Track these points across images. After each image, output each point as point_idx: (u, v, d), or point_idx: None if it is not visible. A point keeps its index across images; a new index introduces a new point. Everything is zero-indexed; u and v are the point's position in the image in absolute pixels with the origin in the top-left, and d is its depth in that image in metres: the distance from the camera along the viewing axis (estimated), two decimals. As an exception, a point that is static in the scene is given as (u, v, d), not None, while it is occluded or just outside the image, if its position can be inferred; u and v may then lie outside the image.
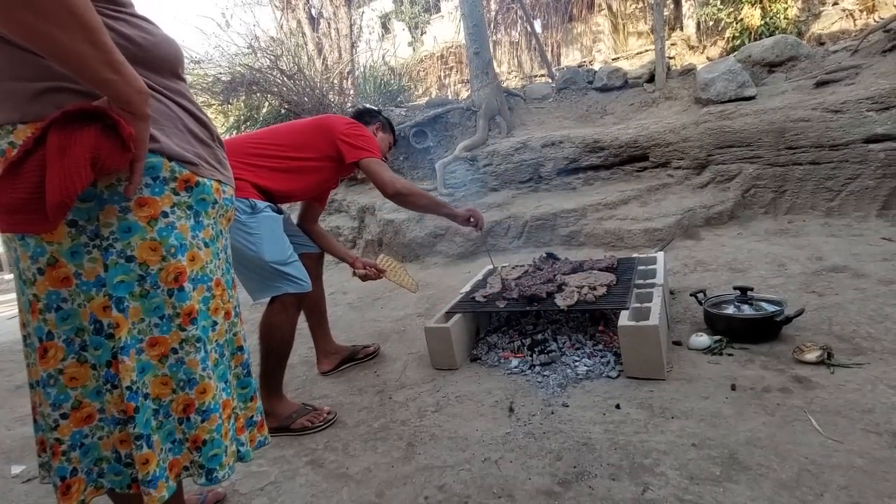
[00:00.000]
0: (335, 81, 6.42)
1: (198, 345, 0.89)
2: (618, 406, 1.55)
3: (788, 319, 1.81)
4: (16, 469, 1.71)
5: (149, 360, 0.87)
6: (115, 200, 0.82)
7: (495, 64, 5.89)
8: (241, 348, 1.05)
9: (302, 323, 1.92)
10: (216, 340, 0.95)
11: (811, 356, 1.64)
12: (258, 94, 5.28)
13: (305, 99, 5.01)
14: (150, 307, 0.86)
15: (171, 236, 0.86)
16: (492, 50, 5.87)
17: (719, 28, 7.30)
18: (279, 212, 1.81)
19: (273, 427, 1.64)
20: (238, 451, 0.99)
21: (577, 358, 1.87)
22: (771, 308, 1.89)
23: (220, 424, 0.92)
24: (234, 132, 6.49)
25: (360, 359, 2.27)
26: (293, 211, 2.24)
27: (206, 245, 0.94)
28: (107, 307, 0.83)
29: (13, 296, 1.04)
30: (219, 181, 0.97)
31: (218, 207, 0.97)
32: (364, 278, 2.14)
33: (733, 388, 1.55)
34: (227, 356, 0.99)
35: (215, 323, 0.95)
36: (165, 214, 0.86)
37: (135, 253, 0.84)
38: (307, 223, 2.14)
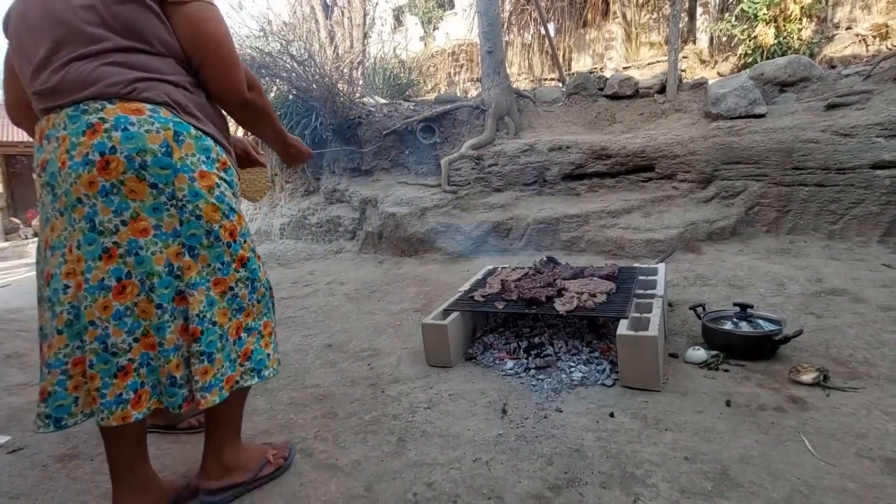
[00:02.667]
0: (345, 71, 6.38)
1: (247, 282, 1.19)
2: (612, 414, 1.54)
3: (787, 339, 1.81)
4: (1, 439, 1.69)
5: (214, 295, 1.12)
6: (185, 170, 1.05)
7: (507, 65, 5.87)
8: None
9: (310, 301, 1.86)
10: (262, 278, 1.24)
11: (807, 377, 1.64)
12: (267, 79, 5.24)
13: (314, 86, 4.97)
14: (214, 255, 1.12)
15: (223, 202, 1.13)
16: (504, 50, 5.85)
17: (732, 44, 7.31)
18: None
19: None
20: (276, 366, 1.28)
21: (572, 364, 1.87)
22: (769, 326, 1.89)
23: (260, 338, 1.23)
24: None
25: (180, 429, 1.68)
26: None
27: (239, 211, 1.20)
28: (179, 253, 1.06)
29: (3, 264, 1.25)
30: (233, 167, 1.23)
31: (235, 187, 1.22)
32: None
33: (728, 404, 1.55)
34: (269, 288, 1.28)
35: (259, 266, 1.23)
36: (217, 185, 1.12)
37: (202, 213, 1.08)
38: None
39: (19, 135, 12.58)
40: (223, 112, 1.20)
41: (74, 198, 1.01)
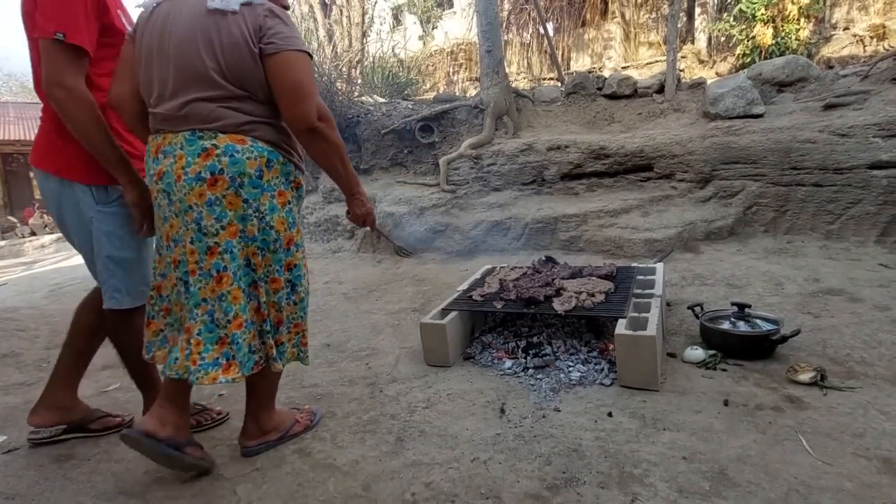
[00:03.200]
0: (344, 69, 6.37)
1: (289, 285, 1.42)
2: (610, 414, 1.54)
3: (784, 339, 1.81)
4: (-3, 438, 1.68)
5: (268, 290, 1.38)
6: (270, 189, 1.33)
7: (506, 64, 5.87)
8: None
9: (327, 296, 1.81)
10: (304, 285, 1.46)
11: (805, 377, 1.64)
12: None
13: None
14: (275, 259, 1.37)
15: (290, 216, 1.39)
16: (503, 50, 5.85)
17: (730, 44, 7.33)
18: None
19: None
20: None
21: (571, 363, 1.87)
22: (767, 326, 1.89)
23: (286, 333, 1.44)
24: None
25: (92, 430, 1.68)
26: None
27: (299, 224, 1.44)
28: (255, 253, 1.34)
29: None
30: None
31: (303, 199, 1.51)
32: None
33: (726, 403, 1.55)
34: (307, 293, 1.50)
35: (304, 274, 1.46)
36: (289, 202, 1.39)
37: (274, 224, 1.35)
38: None
39: (16, 133, 12.52)
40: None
41: (186, 205, 1.27)
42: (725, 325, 1.94)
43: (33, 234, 11.26)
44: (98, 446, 1.61)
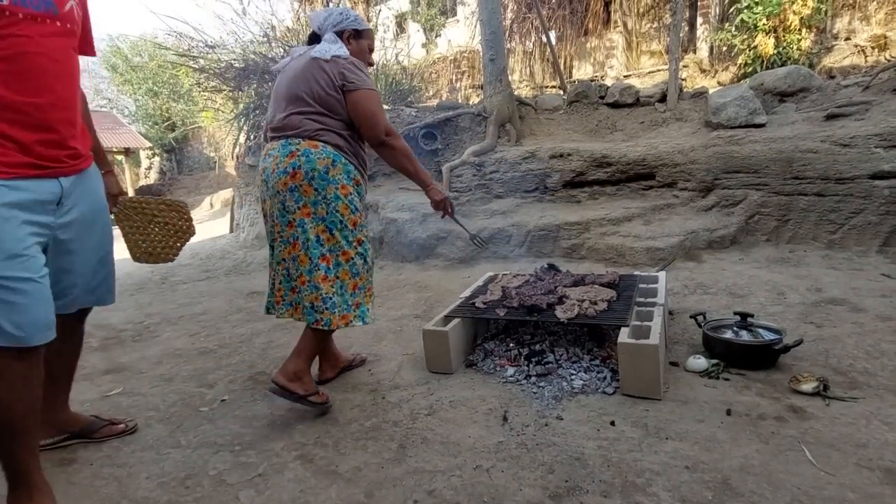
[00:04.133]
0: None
1: (360, 257, 1.80)
2: (613, 423, 1.54)
3: (787, 348, 1.81)
4: None
5: (341, 260, 1.77)
6: (334, 182, 1.72)
7: (508, 72, 5.92)
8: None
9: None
10: (371, 257, 1.86)
11: (807, 387, 1.64)
12: (270, 84, 5.28)
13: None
14: (342, 236, 1.75)
15: (352, 204, 1.76)
16: (506, 58, 5.90)
17: (732, 54, 7.36)
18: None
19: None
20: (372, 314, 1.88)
21: (573, 371, 1.87)
22: (770, 336, 1.89)
23: (365, 295, 1.84)
24: (244, 119, 6.48)
25: (95, 439, 1.71)
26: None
27: (362, 211, 1.83)
28: (324, 231, 1.73)
29: None
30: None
31: (363, 194, 1.89)
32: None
33: (728, 413, 1.55)
34: (373, 262, 1.89)
35: (369, 249, 1.84)
36: (350, 193, 1.76)
37: (339, 209, 1.73)
38: None
39: None
40: (365, 154, 1.89)
41: (275, 190, 1.72)
42: (728, 335, 1.94)
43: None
44: (101, 450, 1.62)
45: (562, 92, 6.40)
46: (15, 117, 1.19)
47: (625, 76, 8.55)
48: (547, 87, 9.04)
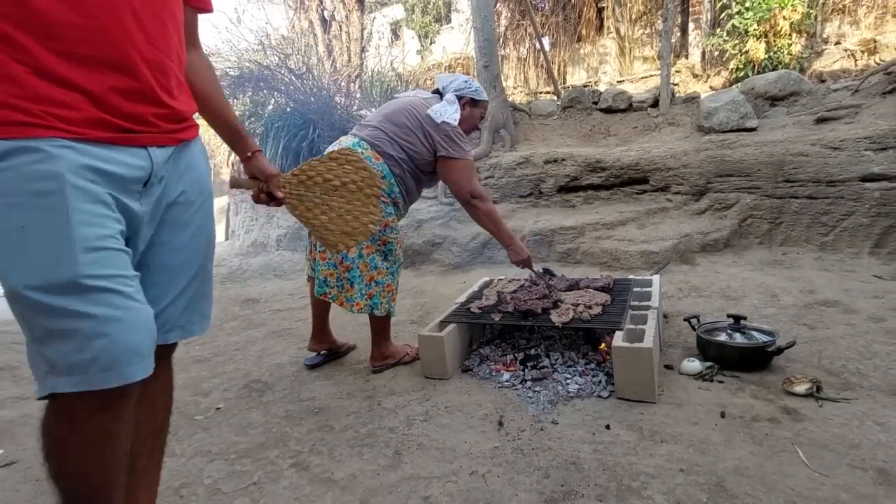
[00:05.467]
0: (342, 84, 6.45)
1: (382, 254, 2.04)
2: (608, 426, 1.55)
3: (780, 350, 1.82)
4: (-7, 453, 1.67)
5: (364, 253, 1.99)
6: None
7: (502, 78, 5.96)
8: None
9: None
10: (397, 256, 2.09)
11: (800, 388, 1.65)
12: (265, 91, 5.30)
13: (312, 99, 5.03)
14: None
15: (387, 209, 1.99)
16: (500, 64, 5.95)
17: (724, 59, 7.44)
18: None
19: None
20: (389, 307, 2.09)
21: (568, 375, 1.87)
22: (763, 338, 1.90)
23: (381, 290, 2.04)
24: (238, 127, 6.47)
25: None
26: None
27: (395, 217, 2.07)
28: None
29: None
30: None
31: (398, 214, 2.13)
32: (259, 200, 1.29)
33: (723, 415, 1.56)
34: (398, 263, 2.12)
35: (396, 248, 2.07)
36: (386, 204, 2.00)
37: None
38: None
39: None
40: (421, 191, 2.21)
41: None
42: (722, 337, 1.95)
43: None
44: (95, 461, 1.61)
45: (556, 98, 6.45)
46: (73, 49, 0.77)
47: (618, 82, 8.62)
48: (541, 92, 9.10)
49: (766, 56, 6.76)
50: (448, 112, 2.04)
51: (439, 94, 2.17)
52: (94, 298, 0.75)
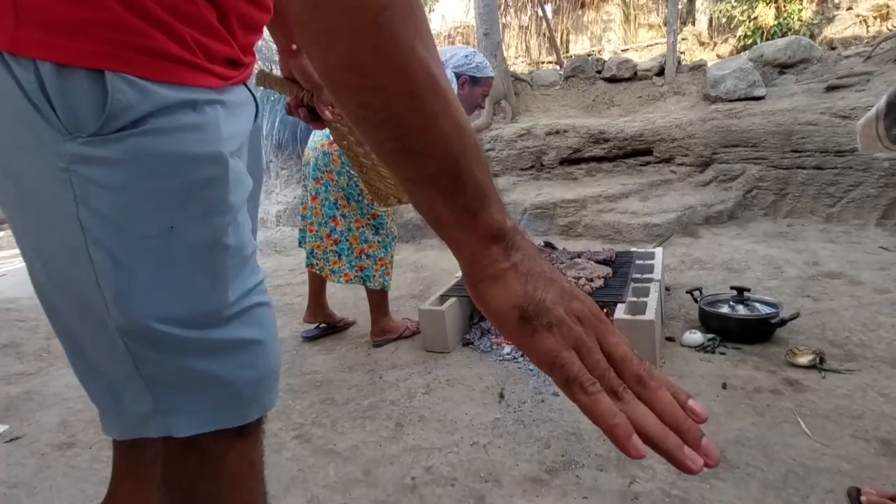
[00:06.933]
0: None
1: (373, 228, 2.07)
2: (609, 398, 1.55)
3: (783, 322, 1.81)
4: (-2, 428, 1.69)
5: (352, 226, 2.04)
6: None
7: (503, 47, 5.78)
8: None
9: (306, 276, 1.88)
10: (389, 230, 2.11)
11: (803, 360, 1.64)
12: (260, 63, 5.16)
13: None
14: (358, 206, 2.03)
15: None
16: (501, 33, 5.77)
17: (731, 25, 7.21)
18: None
19: None
20: (383, 281, 2.10)
21: (570, 348, 1.87)
22: (766, 310, 1.89)
23: (373, 263, 2.06)
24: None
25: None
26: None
27: None
28: (342, 197, 2.02)
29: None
30: None
31: None
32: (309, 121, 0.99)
33: (724, 386, 1.56)
34: (391, 236, 2.14)
35: (387, 221, 2.10)
36: None
37: (359, 184, 1.91)
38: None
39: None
40: None
41: (314, 145, 2.06)
42: (724, 309, 1.94)
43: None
44: (100, 434, 1.62)
45: (558, 67, 6.28)
46: None
47: (622, 50, 8.38)
48: (543, 62, 8.87)
49: (776, 22, 6.55)
50: None
51: None
52: (244, 319, 0.56)
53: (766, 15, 6.53)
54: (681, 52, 6.06)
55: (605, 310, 2.02)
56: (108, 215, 0.47)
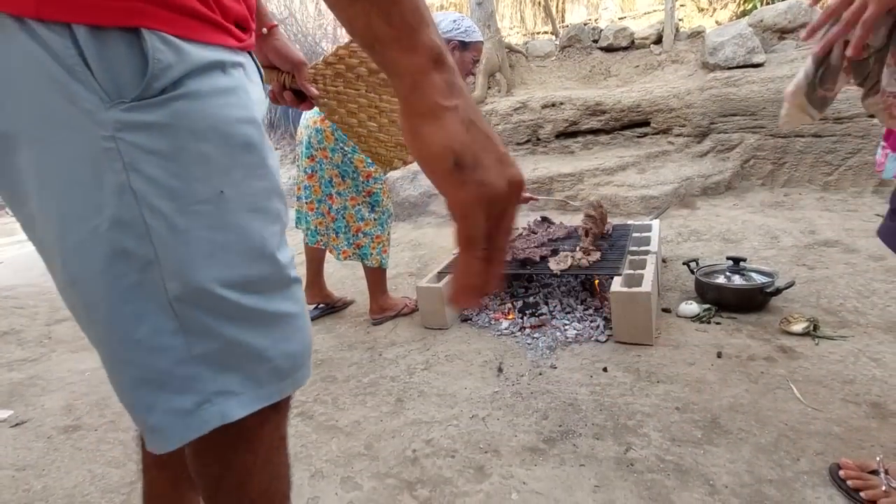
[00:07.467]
0: (328, 28, 6.12)
1: (369, 205, 2.06)
2: (605, 369, 1.57)
3: (778, 291, 1.82)
4: (3, 414, 1.71)
5: (348, 203, 2.03)
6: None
7: (497, 17, 5.64)
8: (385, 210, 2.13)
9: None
10: (385, 207, 2.09)
11: (797, 327, 1.66)
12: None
13: (297, 45, 4.78)
14: (353, 184, 2.02)
15: (368, 159, 1.72)
16: (494, 2, 5.62)
17: (732, -10, 7.02)
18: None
19: None
20: (381, 258, 2.09)
21: (567, 322, 1.88)
22: (761, 279, 1.90)
23: (370, 241, 2.05)
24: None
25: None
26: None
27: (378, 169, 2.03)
28: (335, 176, 2.01)
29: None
30: None
31: None
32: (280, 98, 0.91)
33: (719, 355, 1.58)
34: (388, 214, 2.11)
35: (383, 198, 2.07)
36: None
37: (353, 161, 1.97)
38: None
39: None
40: None
41: (307, 124, 2.02)
42: (720, 280, 1.95)
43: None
44: (104, 416, 1.64)
45: (554, 37, 6.14)
46: None
47: (620, 18, 8.18)
48: (538, 32, 8.67)
49: (777, -15, 6.38)
50: None
51: None
52: (287, 292, 0.57)
53: (767, -22, 6.35)
54: (679, 19, 5.91)
55: (596, 281, 2.03)
56: (161, 182, 0.45)
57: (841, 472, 1.02)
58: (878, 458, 1.02)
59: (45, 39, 0.41)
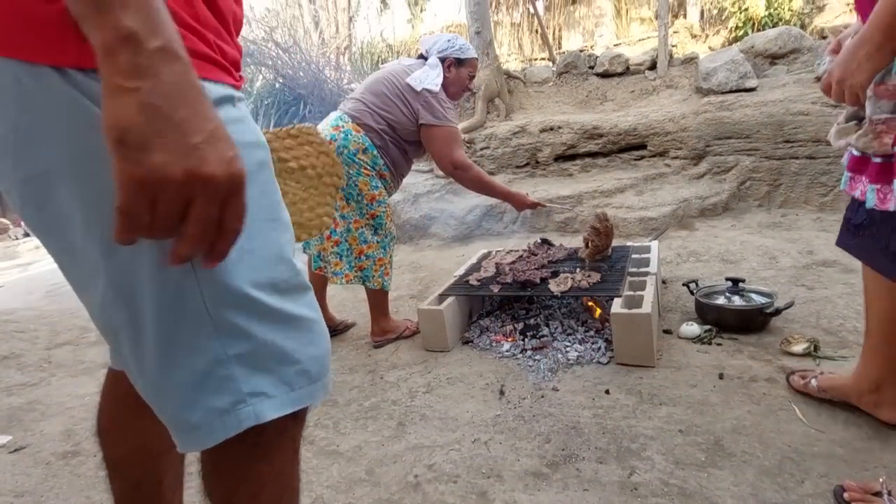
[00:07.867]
0: (332, 56, 6.28)
1: (372, 228, 2.05)
2: (607, 391, 1.57)
3: (778, 311, 1.83)
4: (2, 439, 1.70)
5: (352, 227, 2.03)
6: (359, 163, 1.96)
7: (496, 45, 5.79)
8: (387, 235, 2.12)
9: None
10: (388, 230, 2.08)
11: (798, 348, 1.66)
12: (252, 67, 5.16)
13: (301, 73, 4.90)
14: (357, 207, 2.03)
15: (373, 182, 2.00)
16: (493, 30, 5.78)
17: (723, 17, 7.25)
18: None
19: None
20: (383, 281, 2.10)
21: (568, 343, 1.89)
22: (761, 300, 1.91)
23: (372, 263, 2.06)
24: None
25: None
26: None
27: (382, 190, 2.06)
28: (341, 198, 1.99)
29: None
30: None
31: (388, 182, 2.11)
32: None
33: (721, 377, 1.58)
34: (390, 237, 2.11)
35: (386, 222, 2.07)
36: (372, 177, 2.00)
37: (358, 184, 1.98)
38: None
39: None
40: (410, 162, 2.17)
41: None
42: (720, 301, 1.96)
43: (27, 235, 11.17)
44: (103, 442, 1.63)
45: (551, 63, 6.29)
46: None
47: (615, 45, 8.40)
48: (536, 59, 8.89)
49: (766, 13, 6.58)
50: (429, 78, 1.99)
51: (424, 58, 2.12)
52: (304, 298, 0.62)
53: (757, 6, 6.56)
54: (672, 46, 6.07)
55: (591, 304, 2.04)
56: None
57: (845, 495, 1.02)
58: (881, 480, 1.02)
59: (85, 85, 0.46)
